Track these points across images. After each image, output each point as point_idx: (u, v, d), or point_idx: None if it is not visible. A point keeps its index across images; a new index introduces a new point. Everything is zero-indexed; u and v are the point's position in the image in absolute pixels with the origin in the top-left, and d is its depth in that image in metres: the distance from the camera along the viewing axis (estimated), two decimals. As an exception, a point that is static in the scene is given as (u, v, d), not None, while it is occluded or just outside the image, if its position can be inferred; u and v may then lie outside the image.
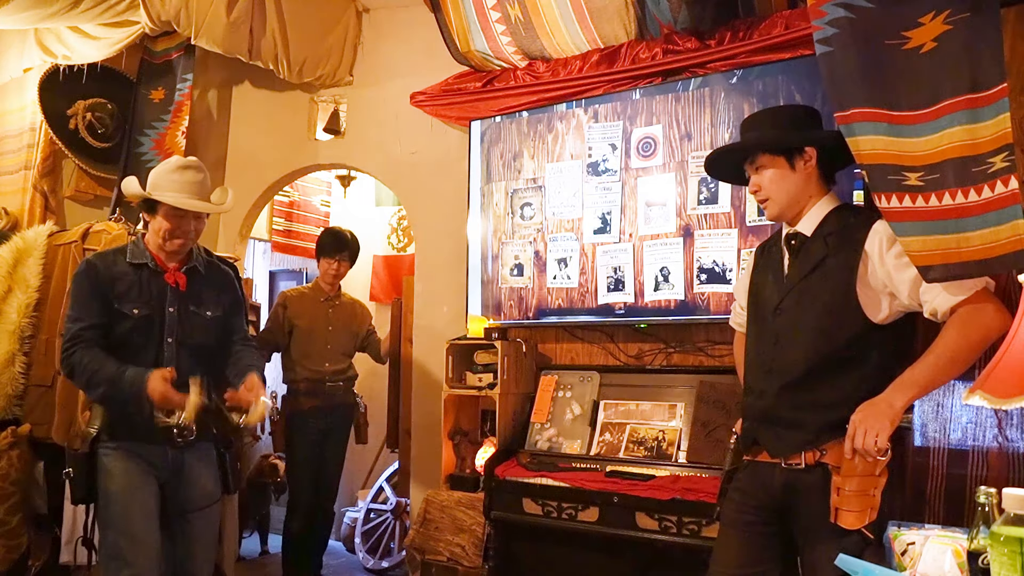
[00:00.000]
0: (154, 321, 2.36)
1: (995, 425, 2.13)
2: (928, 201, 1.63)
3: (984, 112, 1.57)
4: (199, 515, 2.44)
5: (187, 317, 2.42)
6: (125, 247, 2.45)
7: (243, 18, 3.53)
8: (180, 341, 2.39)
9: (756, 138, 1.96)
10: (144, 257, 2.40)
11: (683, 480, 2.50)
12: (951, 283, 1.65)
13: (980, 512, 1.25)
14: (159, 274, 2.40)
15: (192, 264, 2.46)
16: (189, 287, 2.44)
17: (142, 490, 2.33)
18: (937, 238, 1.63)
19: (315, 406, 3.76)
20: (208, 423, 2.43)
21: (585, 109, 3.10)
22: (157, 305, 2.38)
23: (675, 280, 2.85)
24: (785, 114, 2.03)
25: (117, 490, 2.31)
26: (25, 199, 4.23)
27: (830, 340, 1.80)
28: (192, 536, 2.44)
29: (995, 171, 1.56)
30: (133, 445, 2.34)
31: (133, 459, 2.33)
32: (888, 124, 1.68)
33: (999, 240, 1.56)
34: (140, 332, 2.35)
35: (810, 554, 1.80)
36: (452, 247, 3.52)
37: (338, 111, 3.94)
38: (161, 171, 2.41)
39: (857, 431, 1.67)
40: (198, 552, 2.45)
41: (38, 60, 4.21)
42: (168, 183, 2.37)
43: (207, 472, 2.47)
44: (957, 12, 1.59)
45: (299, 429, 3.77)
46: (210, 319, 2.48)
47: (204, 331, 2.46)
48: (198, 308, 2.45)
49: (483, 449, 3.08)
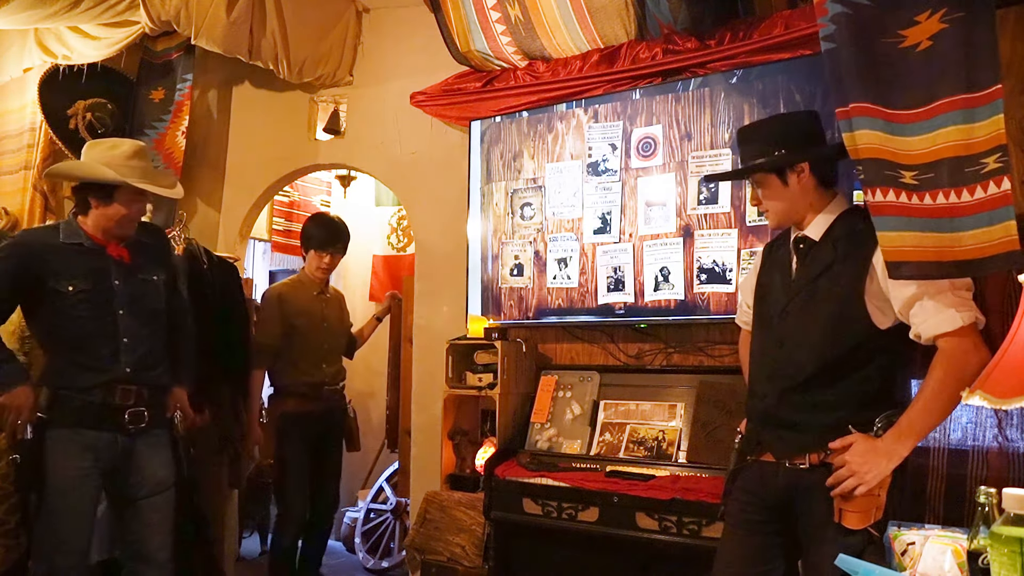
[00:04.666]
0: (99, 295, 2.38)
1: (995, 425, 2.13)
2: (922, 200, 1.64)
3: (978, 112, 1.57)
4: (149, 503, 2.43)
5: (136, 286, 2.46)
6: (57, 225, 2.48)
7: (243, 18, 3.53)
8: (132, 311, 2.42)
9: (747, 160, 1.98)
10: (79, 236, 2.41)
11: (683, 480, 2.50)
12: (941, 312, 1.67)
13: (980, 512, 1.25)
14: (98, 250, 2.42)
15: (133, 237, 2.50)
16: (133, 258, 2.48)
17: (77, 491, 2.33)
18: (933, 235, 1.63)
19: (308, 411, 3.45)
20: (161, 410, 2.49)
21: (585, 109, 3.10)
22: (100, 279, 2.39)
23: (675, 280, 2.84)
24: (776, 130, 1.97)
25: (52, 487, 2.31)
26: (25, 199, 4.23)
27: (836, 346, 1.80)
28: (144, 522, 2.43)
29: (988, 172, 1.56)
30: (80, 432, 2.34)
31: (76, 450, 2.33)
32: (885, 121, 1.68)
33: (991, 240, 1.57)
34: (83, 307, 2.36)
35: (814, 553, 1.80)
36: (452, 247, 3.52)
37: (338, 111, 3.94)
38: (115, 156, 2.40)
39: (849, 480, 1.68)
40: (151, 537, 2.44)
41: (38, 60, 4.20)
42: (128, 170, 2.38)
43: (159, 459, 2.47)
44: (953, 11, 1.59)
45: (290, 435, 3.43)
46: (159, 282, 2.53)
47: (156, 297, 2.52)
48: (146, 275, 2.50)
49: (483, 449, 3.08)
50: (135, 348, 2.41)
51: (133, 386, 2.40)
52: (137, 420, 2.38)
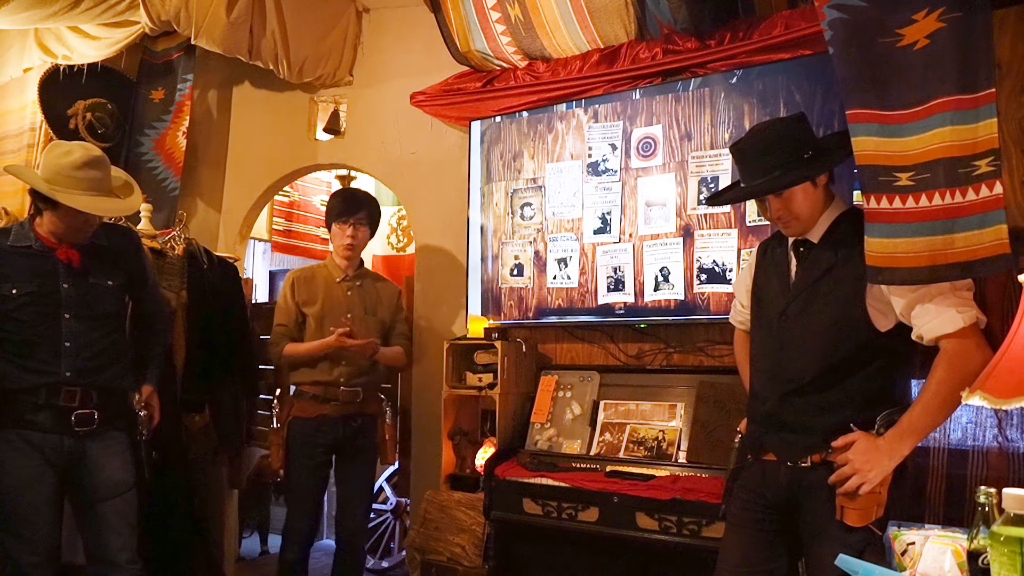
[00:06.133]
0: (45, 298, 2.36)
1: (995, 425, 2.14)
2: (918, 201, 1.64)
3: (971, 114, 1.58)
4: (108, 505, 2.41)
5: (86, 290, 2.43)
6: (9, 229, 2.45)
7: (243, 18, 3.53)
8: (80, 315, 2.40)
9: (791, 177, 1.84)
10: (28, 239, 2.40)
11: (683, 480, 2.50)
12: (942, 313, 1.67)
13: (980, 512, 1.25)
14: (47, 253, 2.40)
15: (88, 240, 2.47)
16: (84, 260, 2.44)
17: (32, 488, 2.31)
18: (926, 239, 1.64)
19: (321, 416, 3.01)
20: (115, 412, 2.46)
21: (585, 109, 3.10)
22: (46, 283, 2.37)
23: (675, 280, 2.85)
24: (791, 136, 1.88)
25: (5, 488, 2.30)
26: (25, 199, 4.21)
27: (837, 348, 1.80)
28: (103, 525, 2.41)
29: (979, 174, 1.57)
30: (27, 434, 2.32)
31: (25, 450, 2.31)
32: (880, 125, 1.69)
33: (982, 243, 1.58)
34: (27, 310, 2.34)
35: (816, 551, 1.80)
36: (452, 247, 3.52)
37: (338, 111, 3.94)
38: (62, 165, 2.32)
39: (853, 478, 1.69)
40: (111, 540, 2.42)
41: (38, 60, 4.20)
42: (70, 180, 2.32)
43: (115, 462, 2.44)
44: (951, 10, 1.60)
45: (299, 442, 3.02)
46: (112, 287, 2.50)
47: (108, 301, 2.48)
48: (98, 279, 2.46)
49: (483, 449, 3.08)
50: (79, 351, 2.38)
51: (77, 388, 2.37)
52: (85, 422, 2.36)
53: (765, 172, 1.87)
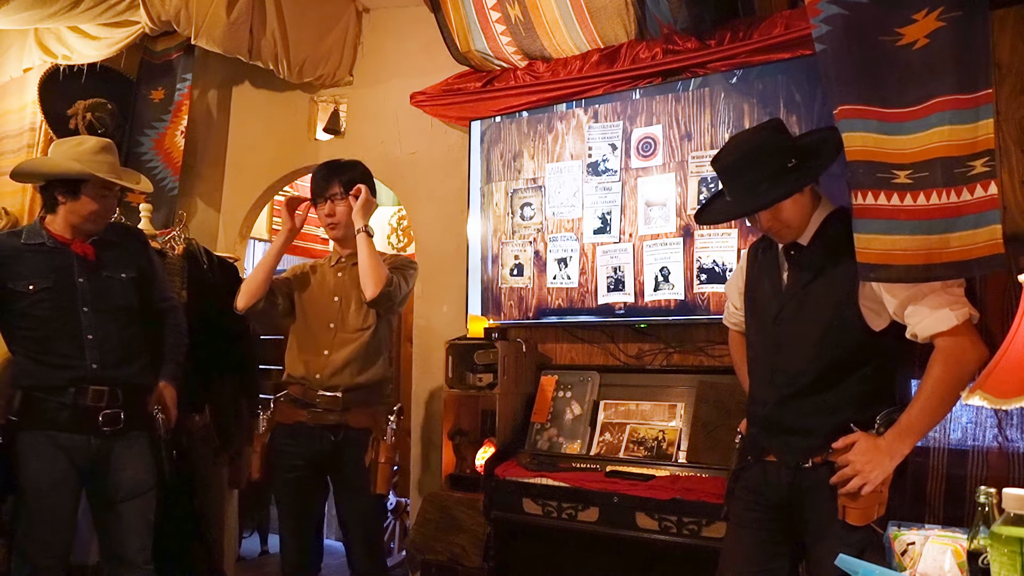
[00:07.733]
0: (62, 293, 2.38)
1: (995, 425, 2.14)
2: (916, 200, 1.64)
3: (970, 114, 1.59)
4: (128, 505, 2.42)
5: (100, 283, 2.45)
6: (19, 231, 2.49)
7: (243, 18, 3.52)
8: (97, 308, 2.42)
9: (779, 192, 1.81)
10: (40, 237, 2.43)
11: (683, 480, 2.50)
12: (936, 311, 1.67)
13: (980, 512, 1.25)
14: (61, 249, 2.42)
15: (100, 236, 2.50)
16: (99, 255, 2.47)
17: (56, 490, 2.31)
18: (923, 238, 1.64)
19: (300, 422, 2.53)
20: (139, 411, 2.47)
21: (585, 109, 3.10)
22: (62, 278, 2.40)
23: (675, 280, 2.84)
24: (775, 145, 1.84)
25: (29, 490, 2.31)
26: (25, 199, 4.22)
27: (834, 350, 1.80)
28: (123, 525, 2.41)
29: (975, 175, 1.58)
30: (53, 435, 2.32)
31: (51, 452, 2.31)
32: (879, 121, 1.69)
33: (977, 243, 1.59)
34: (44, 306, 2.36)
35: (818, 550, 1.80)
36: (452, 247, 3.52)
37: (338, 111, 3.94)
38: (80, 152, 2.41)
39: (855, 479, 1.69)
40: (131, 540, 2.42)
41: (38, 60, 4.20)
42: (95, 164, 2.39)
43: (137, 462, 2.45)
44: (950, 10, 1.60)
45: (276, 451, 2.57)
46: (126, 281, 2.52)
47: (123, 294, 2.50)
48: (112, 272, 2.49)
49: (483, 449, 3.08)
50: (101, 343, 2.39)
51: (105, 387, 2.37)
52: (112, 422, 2.36)
53: (751, 187, 1.83)
